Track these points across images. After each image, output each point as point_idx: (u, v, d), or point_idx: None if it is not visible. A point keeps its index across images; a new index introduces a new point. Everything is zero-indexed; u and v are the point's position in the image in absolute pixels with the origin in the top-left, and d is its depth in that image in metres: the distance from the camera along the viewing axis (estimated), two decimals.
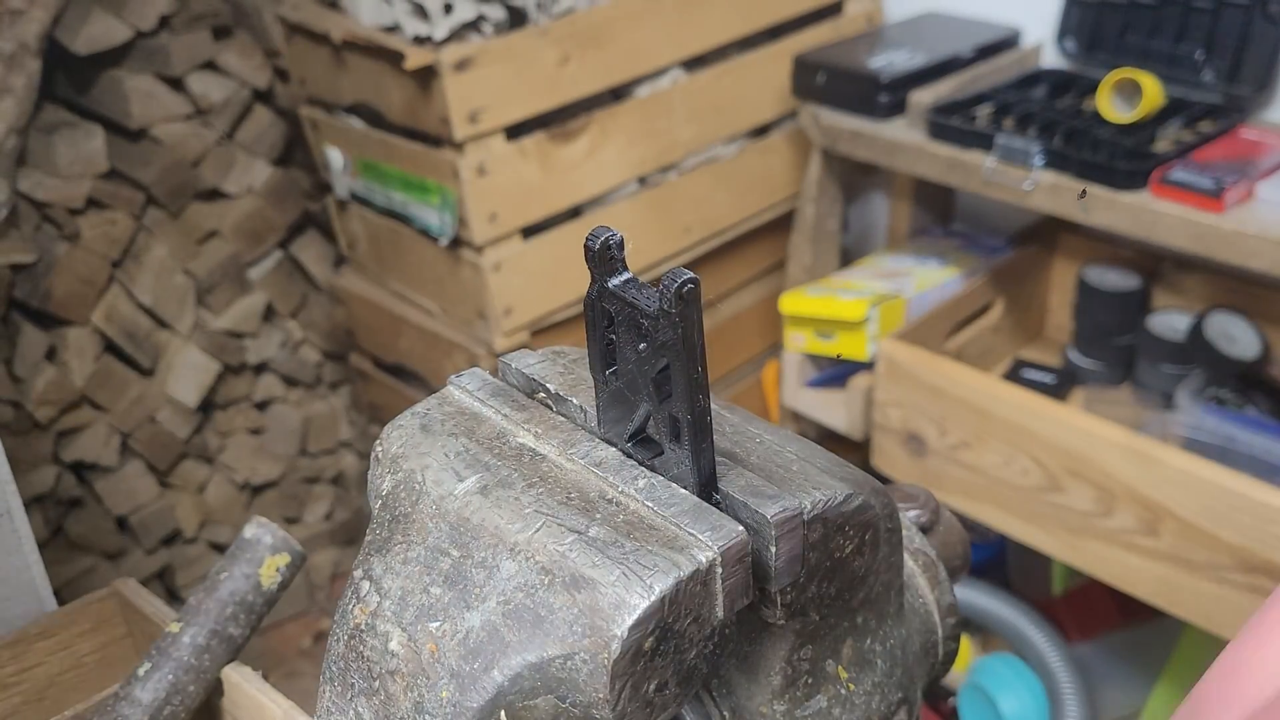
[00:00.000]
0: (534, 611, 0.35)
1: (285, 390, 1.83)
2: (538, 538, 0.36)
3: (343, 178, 1.60)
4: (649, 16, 1.47)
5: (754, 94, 1.62)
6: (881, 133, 1.45)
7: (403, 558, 0.39)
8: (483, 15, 1.34)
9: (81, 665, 0.89)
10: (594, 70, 1.44)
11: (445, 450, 0.40)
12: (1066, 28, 1.52)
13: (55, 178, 1.52)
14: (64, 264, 1.54)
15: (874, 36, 1.64)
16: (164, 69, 1.59)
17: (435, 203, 1.42)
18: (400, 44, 1.33)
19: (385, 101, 1.44)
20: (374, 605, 0.38)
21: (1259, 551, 1.14)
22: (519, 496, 0.38)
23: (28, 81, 1.46)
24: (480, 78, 1.33)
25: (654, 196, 1.54)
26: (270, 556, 0.79)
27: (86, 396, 1.61)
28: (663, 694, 0.36)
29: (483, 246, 1.41)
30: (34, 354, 1.55)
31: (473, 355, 1.49)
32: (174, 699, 0.77)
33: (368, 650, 0.38)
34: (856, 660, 0.43)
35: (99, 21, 1.52)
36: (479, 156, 1.36)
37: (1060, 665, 1.46)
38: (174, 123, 1.61)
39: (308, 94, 1.61)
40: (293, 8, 1.54)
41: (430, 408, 0.43)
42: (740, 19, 1.58)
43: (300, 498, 1.90)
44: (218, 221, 1.69)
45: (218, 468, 1.79)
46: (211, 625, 0.78)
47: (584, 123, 1.45)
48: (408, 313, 1.60)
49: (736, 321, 1.77)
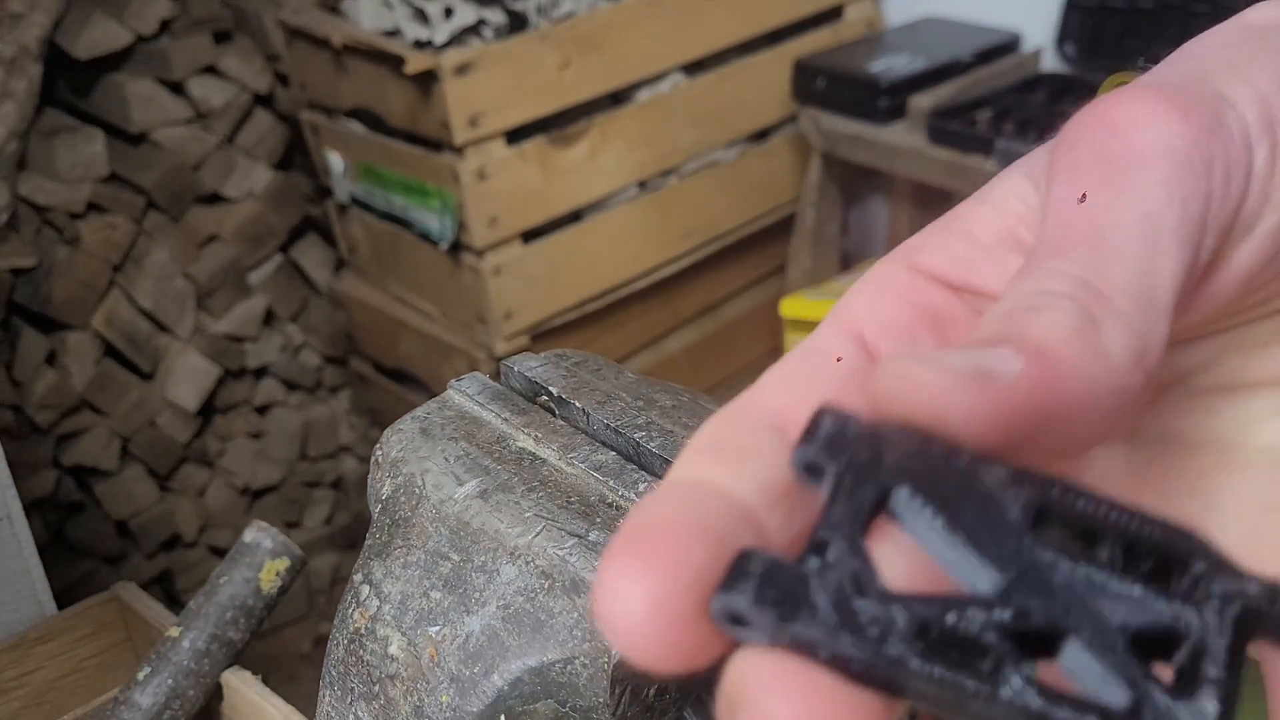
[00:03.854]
0: (534, 616, 0.35)
1: (285, 394, 1.83)
2: (538, 542, 0.36)
3: (343, 182, 1.60)
4: (649, 21, 1.47)
5: (754, 98, 1.62)
6: (881, 137, 1.45)
7: (403, 562, 0.39)
8: (483, 20, 1.35)
9: (81, 669, 0.89)
10: (594, 74, 1.44)
11: (445, 454, 0.40)
12: (1066, 32, 1.52)
13: (56, 182, 1.52)
14: (64, 268, 1.55)
15: (874, 41, 1.64)
16: (164, 73, 1.59)
17: (435, 207, 1.42)
18: (401, 48, 1.33)
19: (386, 106, 1.44)
20: (374, 609, 0.38)
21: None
22: (519, 500, 0.38)
23: (28, 85, 1.46)
24: (480, 82, 1.33)
25: (654, 201, 1.54)
26: (270, 561, 0.79)
27: (86, 400, 1.61)
28: (663, 698, 0.36)
29: (483, 251, 1.41)
30: (34, 358, 1.55)
31: (473, 359, 1.49)
32: (174, 703, 0.77)
33: (367, 655, 0.38)
34: None
35: (100, 26, 1.52)
36: (479, 161, 1.36)
37: None
38: (174, 127, 1.61)
39: (308, 98, 1.61)
40: (293, 12, 1.54)
41: (430, 412, 0.43)
42: (740, 23, 1.58)
43: (300, 502, 1.89)
44: (218, 226, 1.69)
45: (218, 472, 1.79)
46: (211, 629, 0.77)
47: (584, 127, 1.45)
48: (408, 317, 1.60)
49: (736, 326, 1.77)
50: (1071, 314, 0.20)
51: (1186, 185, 0.21)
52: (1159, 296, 0.20)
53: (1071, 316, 0.20)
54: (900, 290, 0.25)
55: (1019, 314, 0.20)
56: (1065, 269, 0.20)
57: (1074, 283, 0.20)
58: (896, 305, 0.25)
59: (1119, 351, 0.20)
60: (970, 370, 0.18)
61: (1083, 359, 0.19)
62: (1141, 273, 0.20)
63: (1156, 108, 0.21)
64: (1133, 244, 0.20)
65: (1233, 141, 0.21)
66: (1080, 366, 0.19)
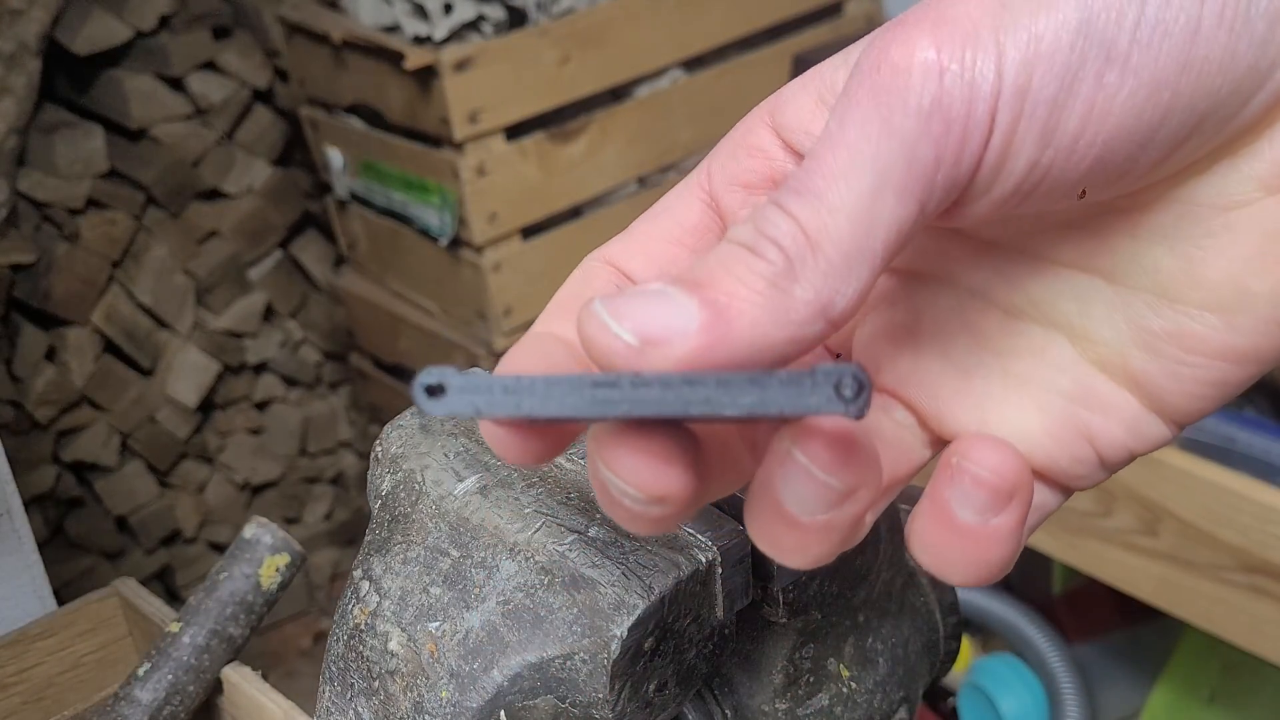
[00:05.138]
0: (534, 611, 0.35)
1: (285, 390, 1.83)
2: (537, 537, 0.36)
3: (342, 178, 1.60)
4: (649, 17, 1.47)
5: (754, 94, 1.61)
6: None
7: (402, 558, 0.39)
8: (482, 15, 1.34)
9: (81, 665, 0.89)
10: (594, 70, 1.44)
11: (445, 450, 0.40)
12: None
13: (55, 178, 1.52)
14: (64, 264, 1.54)
15: None
16: (164, 69, 1.58)
17: (435, 203, 1.42)
18: (400, 44, 1.33)
19: (385, 101, 1.44)
20: (373, 605, 0.38)
21: (1259, 552, 1.14)
22: (518, 496, 0.38)
23: (28, 81, 1.46)
24: (480, 78, 1.33)
25: (654, 197, 1.52)
26: (270, 556, 0.79)
27: (86, 396, 1.61)
28: (662, 694, 0.36)
29: (482, 246, 1.41)
30: (34, 354, 1.55)
31: (472, 355, 1.49)
32: (174, 699, 0.77)
33: (367, 650, 0.38)
34: (858, 658, 0.43)
35: (99, 21, 1.52)
36: (479, 156, 1.36)
37: (1060, 665, 1.46)
38: (174, 123, 1.61)
39: (307, 94, 1.61)
40: (292, 8, 1.54)
41: None
42: (740, 19, 1.58)
43: (300, 498, 1.90)
44: (217, 221, 1.69)
45: (217, 468, 1.79)
46: (211, 625, 0.77)
47: (584, 123, 1.45)
48: (408, 313, 1.60)
49: None
50: (768, 270, 0.22)
51: (922, 145, 0.22)
52: (870, 247, 0.22)
53: (767, 271, 0.22)
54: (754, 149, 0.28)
55: (726, 259, 0.23)
56: (795, 210, 0.22)
57: (792, 229, 0.22)
58: (747, 164, 0.28)
59: (803, 306, 0.22)
60: (646, 331, 0.22)
61: (760, 315, 0.22)
62: (862, 225, 0.22)
63: (926, 58, 0.22)
64: (861, 195, 0.22)
65: (979, 106, 0.22)
66: (756, 323, 0.22)
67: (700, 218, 0.29)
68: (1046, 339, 0.27)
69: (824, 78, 0.27)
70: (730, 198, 0.29)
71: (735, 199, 0.29)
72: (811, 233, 0.22)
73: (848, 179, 0.22)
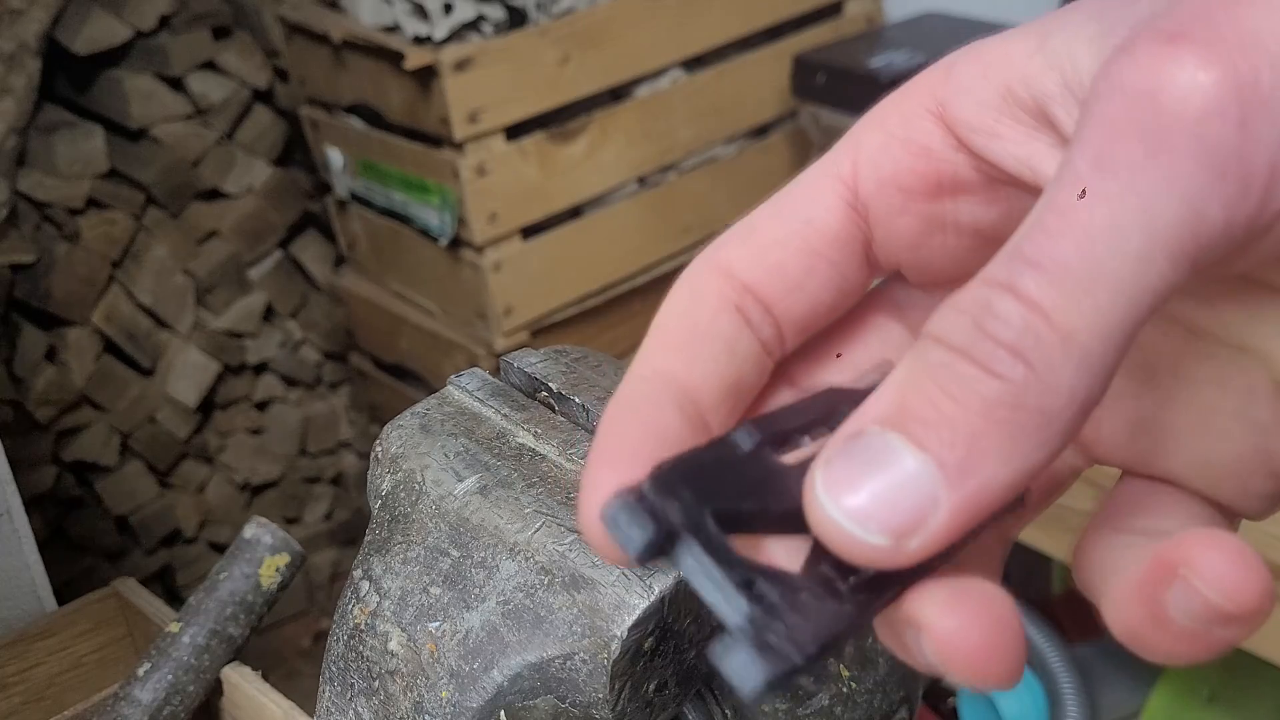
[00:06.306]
0: (534, 611, 0.35)
1: (285, 390, 1.83)
2: (537, 537, 0.36)
3: (342, 178, 1.60)
4: (649, 17, 1.47)
5: (754, 94, 1.62)
6: None
7: (402, 558, 0.39)
8: (482, 15, 1.34)
9: (81, 665, 0.89)
10: (594, 70, 1.44)
11: (445, 450, 0.40)
12: None
13: (55, 178, 1.52)
14: (64, 264, 1.54)
15: (874, 37, 1.64)
16: (164, 69, 1.58)
17: (435, 203, 1.42)
18: (400, 44, 1.33)
19: (385, 101, 1.44)
20: (373, 605, 0.38)
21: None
22: (519, 496, 0.38)
23: (27, 81, 1.46)
24: (480, 78, 1.33)
25: (654, 197, 1.54)
26: (270, 556, 0.79)
27: (86, 396, 1.61)
28: (662, 694, 0.36)
29: (482, 246, 1.41)
30: (34, 354, 1.55)
31: (472, 355, 1.49)
32: (174, 699, 0.77)
33: (367, 650, 0.38)
34: (859, 658, 0.43)
35: (99, 21, 1.52)
36: (479, 156, 1.36)
37: (1060, 665, 1.46)
38: (174, 123, 1.61)
39: (308, 94, 1.61)
40: (292, 8, 1.54)
41: (430, 408, 0.43)
42: (740, 19, 1.58)
43: (300, 498, 1.89)
44: (217, 221, 1.69)
45: (217, 468, 1.79)
46: (211, 625, 0.78)
47: (584, 123, 1.45)
48: (408, 313, 1.60)
49: None
50: (1007, 393, 0.18)
51: (1212, 207, 0.18)
52: (1134, 320, 0.18)
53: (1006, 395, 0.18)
54: (916, 145, 0.23)
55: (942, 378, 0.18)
56: (1033, 292, 0.18)
57: (1034, 322, 0.18)
58: (906, 164, 0.23)
59: (1060, 420, 0.18)
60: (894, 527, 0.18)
61: (1011, 450, 0.18)
62: (1124, 298, 0.18)
63: (1222, 95, 0.17)
64: (1126, 261, 0.17)
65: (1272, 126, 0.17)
66: (1008, 461, 0.18)
67: (843, 225, 0.24)
68: (1238, 363, 0.23)
69: (1013, 65, 0.22)
70: (883, 202, 0.24)
71: (890, 204, 0.24)
72: (1060, 321, 0.17)
73: (1109, 241, 0.17)
